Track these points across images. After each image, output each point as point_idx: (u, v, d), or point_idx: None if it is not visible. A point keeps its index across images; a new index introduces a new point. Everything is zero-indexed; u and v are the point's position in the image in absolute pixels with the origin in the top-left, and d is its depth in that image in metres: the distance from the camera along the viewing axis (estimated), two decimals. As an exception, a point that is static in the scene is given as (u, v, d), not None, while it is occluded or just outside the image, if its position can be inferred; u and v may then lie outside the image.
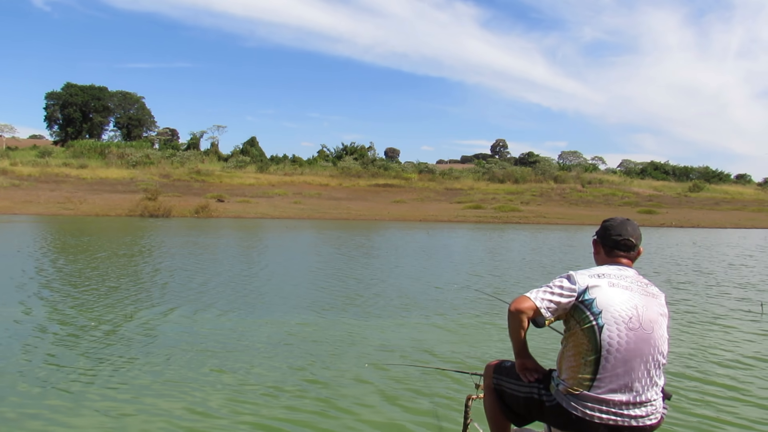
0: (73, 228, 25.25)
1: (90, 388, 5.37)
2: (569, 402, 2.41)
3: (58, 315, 8.37)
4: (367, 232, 27.80)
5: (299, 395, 5.32)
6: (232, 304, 9.36)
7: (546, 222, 39.28)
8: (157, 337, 7.23)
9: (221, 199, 43.35)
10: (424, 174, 63.20)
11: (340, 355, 6.63)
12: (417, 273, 13.66)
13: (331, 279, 12.38)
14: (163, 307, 9.03)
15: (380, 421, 4.80)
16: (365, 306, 9.50)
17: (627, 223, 2.68)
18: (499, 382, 2.73)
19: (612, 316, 2.39)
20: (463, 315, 8.83)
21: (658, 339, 2.44)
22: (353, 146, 70.25)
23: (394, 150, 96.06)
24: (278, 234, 25.18)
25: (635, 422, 2.38)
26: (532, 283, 12.64)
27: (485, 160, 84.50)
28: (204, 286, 11.04)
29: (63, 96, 72.56)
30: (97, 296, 9.80)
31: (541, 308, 2.43)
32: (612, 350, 2.36)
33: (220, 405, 5.05)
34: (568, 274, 2.53)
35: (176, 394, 5.28)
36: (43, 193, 42.12)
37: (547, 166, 68.54)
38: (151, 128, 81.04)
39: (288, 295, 10.46)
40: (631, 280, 2.53)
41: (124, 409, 4.92)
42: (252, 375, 5.85)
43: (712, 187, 64.04)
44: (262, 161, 63.60)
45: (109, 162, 57.30)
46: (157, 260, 15.08)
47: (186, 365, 6.10)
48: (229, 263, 14.74)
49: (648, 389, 2.40)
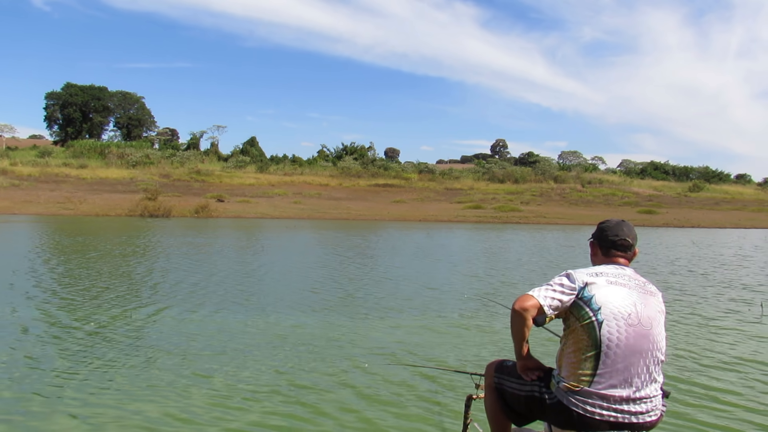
0: (72, 228, 25.26)
1: (67, 392, 5.20)
2: (569, 398, 2.42)
3: (42, 315, 8.24)
4: (367, 232, 27.80)
5: (295, 396, 5.31)
6: (222, 305, 9.30)
7: (546, 222, 39.28)
8: (142, 339, 7.09)
9: (221, 199, 43.35)
10: (424, 174, 63.20)
11: (338, 355, 6.62)
12: (416, 274, 13.66)
13: (328, 279, 12.38)
14: (150, 308, 8.93)
15: (380, 421, 4.80)
16: (364, 307, 9.50)
17: (623, 224, 2.74)
18: (500, 381, 2.75)
19: (611, 312, 2.42)
20: (462, 316, 8.82)
21: (657, 336, 2.47)
22: (353, 146, 70.22)
23: (394, 150, 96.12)
24: (276, 234, 25.19)
25: (635, 419, 2.39)
26: (530, 283, 12.67)
27: (485, 160, 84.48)
28: (195, 286, 10.99)
29: (63, 96, 72.53)
30: (85, 296, 9.65)
31: (545, 306, 2.45)
32: (612, 346, 2.38)
33: (204, 410, 4.90)
34: (567, 273, 2.56)
35: (158, 398, 5.10)
36: (42, 193, 42.12)
37: (547, 166, 68.52)
38: (151, 128, 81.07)
39: (283, 295, 10.44)
40: (629, 278, 2.57)
41: (102, 415, 4.73)
42: (242, 378, 5.76)
43: (712, 187, 64.04)
44: (262, 161, 63.60)
45: (109, 162, 57.30)
46: (151, 260, 15.07)
47: (170, 368, 5.97)
48: (224, 263, 14.72)
49: (647, 385, 2.42)
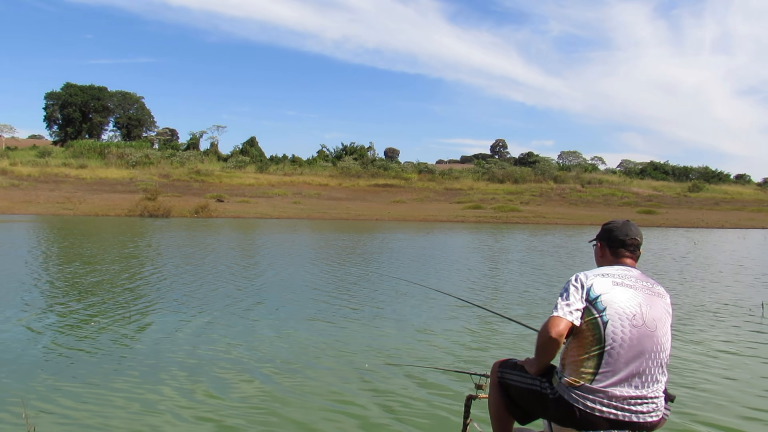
0: (70, 228, 25.25)
1: (30, 402, 4.81)
2: (571, 394, 2.44)
3: (40, 315, 8.20)
4: (366, 232, 27.79)
5: (294, 397, 5.30)
6: (222, 305, 9.30)
7: (546, 222, 39.29)
8: (138, 342, 7.01)
9: (221, 199, 43.37)
10: (424, 174, 63.25)
11: (338, 356, 6.61)
12: (415, 274, 13.65)
13: (325, 280, 12.37)
14: (149, 308, 8.90)
15: (380, 421, 4.79)
16: (363, 307, 9.49)
17: (630, 224, 2.76)
18: (504, 375, 2.78)
19: (616, 312, 2.44)
20: (461, 317, 8.81)
21: (662, 337, 2.48)
22: (353, 146, 70.23)
23: (393, 150, 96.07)
24: (275, 234, 25.18)
25: (636, 417, 2.39)
26: (533, 291, 12.65)
27: (485, 160, 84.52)
28: (195, 287, 10.99)
29: (62, 96, 72.56)
30: (68, 299, 9.54)
31: (574, 321, 2.46)
32: (615, 345, 2.40)
33: (197, 411, 4.88)
34: (575, 276, 2.58)
35: (138, 409, 4.85)
36: (42, 193, 42.11)
37: (547, 166, 68.57)
38: (150, 128, 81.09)
39: (282, 296, 10.43)
40: (636, 279, 2.58)
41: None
42: (240, 378, 5.76)
43: (712, 187, 64.12)
44: (262, 161, 63.63)
45: (109, 162, 57.34)
46: (145, 260, 15.05)
47: (170, 368, 5.95)
48: (224, 263, 14.72)
49: (650, 385, 2.42)
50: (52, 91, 73.84)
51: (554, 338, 2.45)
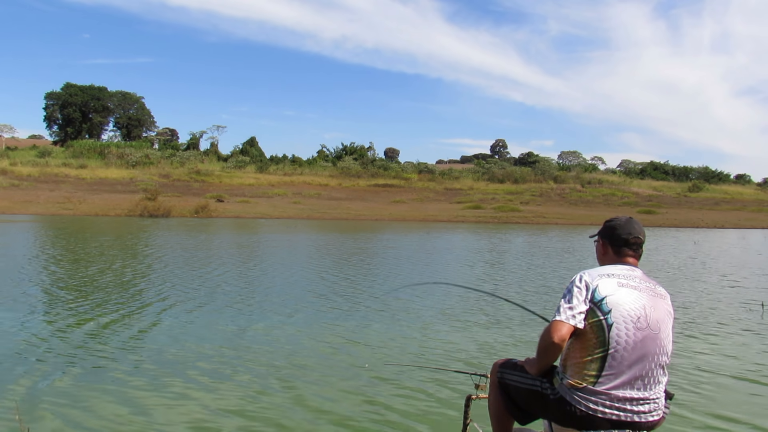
0: (70, 228, 25.24)
1: (24, 405, 4.75)
2: (573, 395, 2.42)
3: (38, 316, 8.19)
4: (365, 232, 27.79)
5: (294, 396, 5.30)
6: (220, 306, 9.29)
7: (546, 222, 39.29)
8: (138, 341, 7.01)
9: (221, 199, 43.36)
10: (424, 174, 63.22)
11: (338, 356, 6.61)
12: (415, 274, 13.64)
13: (325, 280, 12.37)
14: (148, 309, 8.90)
15: (379, 421, 4.79)
16: (362, 307, 9.49)
17: (633, 222, 2.71)
18: (503, 375, 2.77)
19: (621, 314, 2.41)
20: (461, 317, 8.81)
21: (665, 339, 2.47)
22: (353, 146, 70.19)
23: (393, 150, 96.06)
24: (274, 235, 25.17)
25: (638, 417, 2.39)
26: (537, 288, 12.65)
27: (485, 160, 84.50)
28: (195, 287, 10.99)
29: (62, 96, 72.53)
30: (68, 299, 9.53)
31: (577, 324, 2.44)
32: (620, 348, 2.38)
33: (198, 410, 4.86)
34: (579, 275, 2.55)
35: (138, 411, 4.87)
36: (42, 193, 42.11)
37: (547, 166, 68.55)
38: (150, 128, 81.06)
39: (282, 296, 10.42)
40: (639, 279, 2.55)
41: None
42: (239, 378, 5.75)
43: (712, 187, 64.09)
44: (262, 161, 63.60)
45: (109, 162, 57.31)
46: (145, 260, 15.05)
47: (168, 369, 5.95)
48: (223, 264, 14.72)
49: (652, 387, 2.42)
50: (52, 91, 73.91)
51: (556, 343, 2.43)
